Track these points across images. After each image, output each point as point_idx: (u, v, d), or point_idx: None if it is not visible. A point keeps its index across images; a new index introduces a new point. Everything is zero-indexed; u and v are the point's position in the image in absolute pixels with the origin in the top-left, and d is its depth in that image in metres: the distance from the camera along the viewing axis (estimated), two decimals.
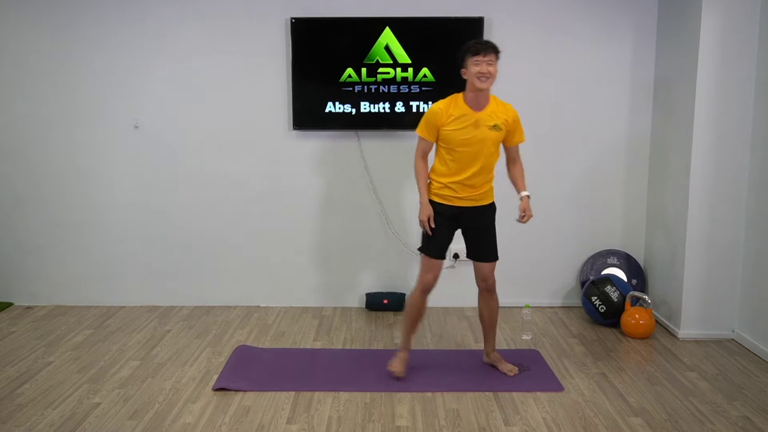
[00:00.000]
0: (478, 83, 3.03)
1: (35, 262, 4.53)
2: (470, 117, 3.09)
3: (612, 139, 4.38)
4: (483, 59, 3.02)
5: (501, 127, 3.12)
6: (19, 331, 4.02)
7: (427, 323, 4.19)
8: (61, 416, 2.92)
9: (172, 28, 4.28)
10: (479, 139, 3.10)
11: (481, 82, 3.02)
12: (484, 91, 3.08)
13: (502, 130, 3.13)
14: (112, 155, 4.41)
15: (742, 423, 2.86)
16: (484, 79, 3.02)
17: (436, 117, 3.13)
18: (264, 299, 4.56)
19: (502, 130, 3.13)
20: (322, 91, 4.25)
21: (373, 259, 4.46)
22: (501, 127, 3.12)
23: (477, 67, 3.02)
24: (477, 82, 3.02)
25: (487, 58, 3.02)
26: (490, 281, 3.32)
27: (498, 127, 3.11)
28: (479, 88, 3.04)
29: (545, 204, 4.44)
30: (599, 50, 4.29)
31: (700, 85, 3.72)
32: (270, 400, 3.08)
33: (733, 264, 3.84)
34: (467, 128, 3.09)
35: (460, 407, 3.01)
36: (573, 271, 4.52)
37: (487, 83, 3.04)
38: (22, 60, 4.32)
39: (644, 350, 3.73)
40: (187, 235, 4.48)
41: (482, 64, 3.02)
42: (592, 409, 2.99)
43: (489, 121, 3.10)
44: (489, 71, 3.02)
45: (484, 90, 3.07)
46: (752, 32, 3.66)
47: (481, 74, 3.01)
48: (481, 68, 3.01)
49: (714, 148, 3.77)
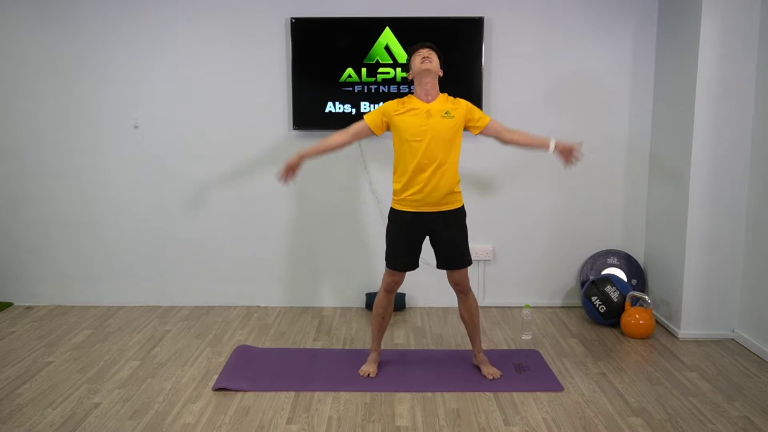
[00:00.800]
0: (422, 65, 3.14)
1: (35, 262, 4.54)
2: (422, 108, 3.17)
3: (612, 139, 4.38)
4: (422, 50, 3.18)
5: (452, 114, 3.17)
6: (19, 331, 4.02)
7: (427, 323, 4.19)
8: (61, 416, 2.92)
9: (172, 27, 4.29)
10: (433, 127, 3.13)
11: (424, 64, 3.14)
12: (431, 81, 3.17)
13: (454, 117, 3.17)
14: (112, 155, 4.42)
15: (742, 423, 2.86)
16: (427, 62, 3.14)
17: (389, 106, 3.25)
18: (264, 299, 4.56)
19: (454, 117, 3.17)
20: (322, 91, 4.26)
21: (373, 259, 4.46)
22: (452, 114, 3.17)
23: (418, 57, 3.17)
24: (420, 65, 3.14)
25: (425, 50, 3.18)
26: (463, 284, 3.32)
27: (449, 114, 3.17)
28: (424, 69, 3.13)
29: (545, 204, 4.45)
30: (599, 50, 4.29)
31: (700, 85, 3.72)
32: (270, 400, 3.08)
33: (733, 264, 3.84)
34: (420, 117, 3.15)
35: (460, 407, 3.01)
36: (573, 271, 4.52)
37: (431, 65, 3.14)
38: (21, 60, 4.32)
39: (644, 350, 3.73)
40: (187, 235, 4.48)
41: (422, 52, 3.17)
42: (592, 409, 2.99)
43: (440, 110, 3.17)
44: (429, 57, 3.15)
45: (430, 74, 3.15)
46: (752, 32, 3.66)
47: (424, 58, 3.14)
48: (422, 54, 3.16)
49: (714, 148, 3.77)
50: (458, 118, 3.18)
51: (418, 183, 3.15)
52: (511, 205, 4.45)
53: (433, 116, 3.14)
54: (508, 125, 3.35)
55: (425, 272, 4.31)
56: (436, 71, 3.17)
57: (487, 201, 4.29)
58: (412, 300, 4.53)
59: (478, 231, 4.30)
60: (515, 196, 4.43)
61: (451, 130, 3.16)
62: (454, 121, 3.17)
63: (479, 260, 4.45)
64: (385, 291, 3.34)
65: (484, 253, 4.46)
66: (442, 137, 3.14)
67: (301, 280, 4.54)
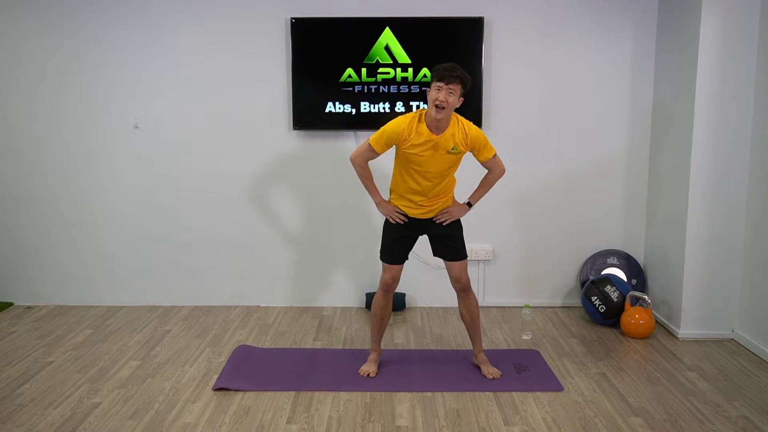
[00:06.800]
0: (433, 112, 2.97)
1: (35, 262, 4.54)
2: (430, 141, 3.06)
3: (612, 139, 4.38)
4: (444, 86, 2.93)
5: (459, 149, 3.10)
6: (20, 331, 4.02)
7: (427, 323, 4.19)
8: (61, 416, 2.92)
9: (173, 27, 4.29)
10: (436, 160, 3.10)
11: (437, 111, 2.95)
12: (444, 117, 3.00)
13: (461, 152, 3.11)
14: (113, 155, 4.42)
15: (742, 423, 2.86)
16: (439, 109, 2.95)
17: (397, 134, 3.07)
18: (264, 299, 4.56)
19: (460, 152, 3.11)
20: (322, 91, 4.26)
21: (373, 259, 4.44)
22: (459, 149, 3.10)
23: (436, 93, 2.94)
24: (433, 110, 2.97)
25: (449, 87, 2.93)
26: (464, 280, 3.33)
27: (455, 149, 3.09)
28: (434, 117, 2.98)
29: (545, 204, 4.45)
30: (599, 50, 4.29)
31: (700, 85, 3.72)
32: (270, 400, 3.08)
33: (733, 264, 3.84)
34: (426, 150, 3.08)
35: (460, 407, 3.01)
36: (573, 271, 4.52)
37: (442, 114, 2.96)
38: (21, 60, 4.32)
39: (644, 350, 3.73)
40: (187, 235, 4.48)
41: (443, 90, 2.93)
42: (592, 409, 2.99)
43: (447, 145, 3.07)
44: (447, 100, 2.93)
45: (441, 119, 3.00)
46: (752, 32, 3.66)
47: (439, 102, 2.93)
48: (440, 95, 2.93)
49: (714, 148, 3.77)
50: (463, 151, 3.14)
51: (413, 201, 3.24)
52: (511, 205, 4.45)
53: (439, 150, 3.07)
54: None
55: (425, 272, 4.33)
56: (449, 112, 3.00)
57: (487, 201, 4.26)
58: (412, 300, 4.53)
59: (478, 231, 4.31)
60: (515, 196, 4.43)
61: (454, 163, 3.16)
62: (459, 156, 3.13)
63: (479, 260, 4.45)
64: (383, 290, 3.34)
65: (484, 253, 4.46)
66: (444, 169, 3.15)
67: (301, 280, 4.54)
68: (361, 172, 3.27)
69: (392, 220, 3.29)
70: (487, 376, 3.31)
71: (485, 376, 3.32)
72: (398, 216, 3.27)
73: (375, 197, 3.33)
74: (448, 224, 3.29)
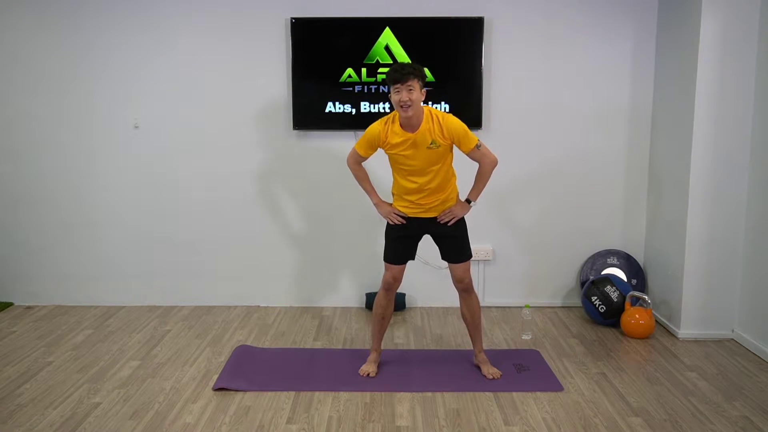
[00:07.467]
0: (401, 112, 3.01)
1: (35, 262, 4.54)
2: (408, 140, 3.09)
3: (612, 139, 4.38)
4: (402, 86, 2.96)
5: (438, 143, 3.08)
6: (19, 331, 4.02)
7: (427, 323, 4.19)
8: (61, 416, 2.92)
9: (173, 27, 4.29)
10: (420, 157, 3.11)
11: (404, 111, 2.99)
12: (413, 114, 3.01)
13: (441, 145, 3.09)
14: (113, 155, 4.42)
15: (742, 423, 2.86)
16: (405, 108, 2.98)
17: (375, 138, 3.16)
18: (264, 299, 4.56)
19: (441, 146, 3.09)
20: (322, 91, 4.26)
21: (372, 259, 4.46)
22: (438, 143, 3.08)
23: (397, 96, 2.98)
24: (401, 111, 3.01)
25: (407, 84, 2.96)
26: (466, 281, 3.33)
27: (435, 143, 3.08)
28: (403, 116, 3.02)
29: (545, 203, 4.45)
30: (599, 50, 4.29)
31: (699, 86, 3.72)
32: (270, 400, 3.08)
33: (733, 264, 3.84)
34: (407, 149, 3.10)
35: (460, 407, 3.01)
36: (573, 271, 4.52)
37: (410, 111, 2.98)
38: (21, 60, 4.32)
39: (644, 350, 3.73)
40: (187, 235, 4.48)
41: (402, 91, 2.96)
42: (592, 409, 2.99)
43: (425, 141, 3.07)
44: (409, 98, 2.96)
45: (411, 117, 3.02)
46: (752, 32, 3.66)
47: (402, 102, 2.97)
48: (401, 96, 2.96)
49: (714, 148, 3.77)
50: (445, 145, 3.11)
51: (410, 200, 3.24)
52: (511, 205, 4.45)
53: (419, 147, 3.09)
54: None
55: (425, 272, 4.33)
56: (417, 107, 3.02)
57: (487, 201, 4.27)
58: (412, 300, 4.53)
59: (478, 231, 4.30)
60: (515, 197, 4.43)
61: (439, 157, 3.13)
62: (442, 149, 3.11)
63: (479, 260, 4.45)
64: (384, 290, 3.34)
65: (484, 253, 4.46)
66: (431, 165, 3.14)
67: (301, 280, 4.54)
68: (356, 173, 3.36)
69: (390, 221, 3.30)
70: (487, 376, 3.31)
71: (485, 376, 3.32)
72: (396, 217, 3.28)
73: (373, 198, 3.37)
74: (452, 224, 3.27)
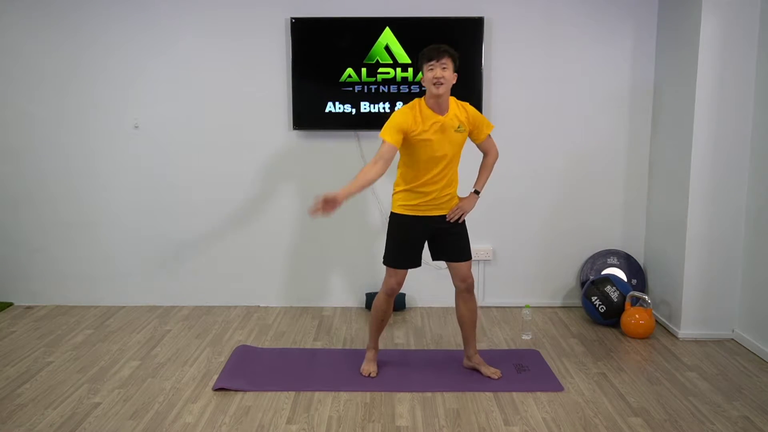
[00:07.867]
0: (434, 89, 3.02)
1: (35, 262, 4.54)
2: (437, 123, 3.09)
3: (612, 139, 4.38)
4: (437, 63, 3.01)
5: (464, 127, 3.15)
6: (19, 331, 4.02)
7: (427, 323, 4.19)
8: (61, 416, 2.92)
9: (173, 27, 4.28)
10: (447, 141, 3.11)
11: (437, 87, 3.01)
12: (444, 95, 3.06)
13: (465, 130, 3.16)
14: (112, 155, 4.42)
15: (742, 423, 2.86)
16: (438, 85, 3.01)
17: (405, 120, 3.04)
18: (264, 299, 4.56)
19: (465, 131, 3.16)
20: (322, 91, 4.26)
21: (373, 259, 4.46)
22: (464, 127, 3.15)
23: (431, 73, 3.02)
24: (433, 88, 3.03)
25: (441, 62, 3.01)
26: (470, 280, 3.31)
27: (461, 128, 3.13)
28: (435, 94, 3.03)
29: (545, 203, 4.45)
30: (599, 50, 4.29)
31: (700, 85, 3.72)
32: (270, 400, 3.08)
33: (733, 264, 3.84)
34: (435, 133, 3.09)
35: (460, 407, 3.01)
36: (573, 271, 4.52)
37: (442, 89, 3.02)
38: (21, 59, 4.32)
39: (644, 350, 3.73)
40: (187, 235, 4.48)
41: (436, 68, 3.01)
42: (592, 409, 2.99)
43: (453, 124, 3.12)
44: (444, 75, 3.00)
45: (442, 95, 3.05)
46: (752, 32, 3.66)
47: (436, 79, 3.00)
48: (435, 73, 3.00)
49: (714, 148, 3.77)
50: (467, 130, 3.18)
51: (428, 194, 3.17)
52: (511, 205, 4.45)
53: (446, 131, 3.10)
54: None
55: (425, 272, 4.32)
56: (448, 87, 3.06)
57: (487, 201, 4.27)
58: (412, 300, 4.53)
59: (478, 231, 4.30)
60: (515, 196, 4.43)
61: (459, 145, 3.18)
62: (464, 135, 3.17)
63: (479, 260, 4.45)
64: (386, 295, 3.30)
65: (484, 253, 4.46)
66: (455, 154, 3.17)
67: (301, 280, 4.54)
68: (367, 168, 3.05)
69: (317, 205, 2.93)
70: (492, 377, 3.29)
71: (490, 376, 3.30)
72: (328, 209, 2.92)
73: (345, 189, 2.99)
74: (456, 222, 3.26)
